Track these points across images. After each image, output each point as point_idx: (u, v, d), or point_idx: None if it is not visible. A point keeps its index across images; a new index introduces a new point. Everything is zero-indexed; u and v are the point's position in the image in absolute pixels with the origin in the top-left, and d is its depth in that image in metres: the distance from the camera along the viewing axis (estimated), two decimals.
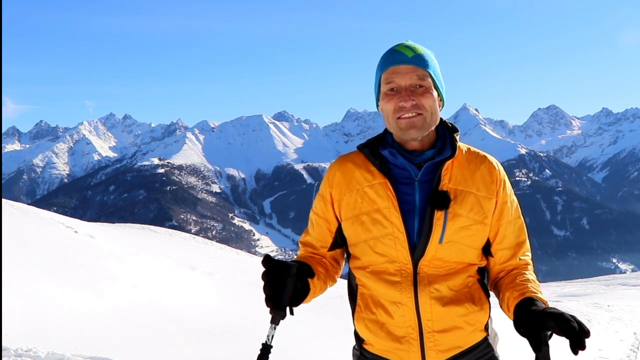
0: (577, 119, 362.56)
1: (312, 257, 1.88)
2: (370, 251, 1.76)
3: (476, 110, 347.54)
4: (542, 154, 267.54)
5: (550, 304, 1.55)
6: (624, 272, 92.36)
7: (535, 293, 1.67)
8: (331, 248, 1.88)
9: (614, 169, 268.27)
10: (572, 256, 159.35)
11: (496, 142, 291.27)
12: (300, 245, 1.96)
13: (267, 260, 1.64)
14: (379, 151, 1.80)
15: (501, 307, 1.78)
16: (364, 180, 1.79)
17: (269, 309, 1.66)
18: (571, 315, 1.48)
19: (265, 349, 1.68)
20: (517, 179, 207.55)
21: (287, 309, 1.67)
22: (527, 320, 1.54)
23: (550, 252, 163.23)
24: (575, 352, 1.45)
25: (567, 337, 1.46)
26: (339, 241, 1.87)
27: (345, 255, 1.93)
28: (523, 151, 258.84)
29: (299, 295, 1.71)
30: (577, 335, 1.44)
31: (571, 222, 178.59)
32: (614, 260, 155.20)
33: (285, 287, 1.64)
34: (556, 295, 19.22)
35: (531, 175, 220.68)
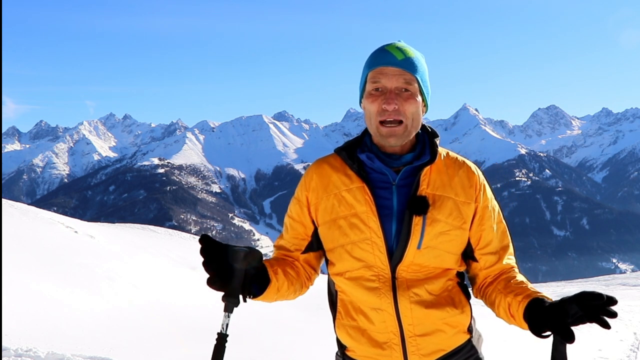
0: (577, 119, 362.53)
1: (284, 260, 1.84)
2: (347, 256, 1.73)
3: (476, 110, 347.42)
4: (542, 154, 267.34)
5: None
6: (624, 272, 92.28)
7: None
8: (305, 251, 1.84)
9: (614, 169, 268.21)
10: (572, 256, 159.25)
11: (496, 142, 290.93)
12: (274, 249, 1.93)
13: (205, 239, 1.58)
14: (357, 155, 1.78)
15: (498, 314, 1.73)
16: (341, 184, 1.76)
17: (221, 297, 1.60)
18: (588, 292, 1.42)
19: (222, 338, 1.63)
20: (517, 179, 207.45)
21: (241, 296, 1.61)
22: (551, 315, 1.47)
23: (550, 252, 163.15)
24: (604, 324, 1.39)
25: (593, 314, 1.39)
26: (315, 245, 1.83)
27: (321, 262, 1.89)
28: (523, 151, 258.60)
29: (256, 282, 1.66)
30: (605, 304, 1.38)
31: (571, 222, 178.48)
32: (614, 260, 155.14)
33: (235, 272, 1.58)
34: (556, 295, 19.18)
35: (531, 175, 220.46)
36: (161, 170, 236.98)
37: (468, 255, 1.79)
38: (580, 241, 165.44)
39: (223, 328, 1.64)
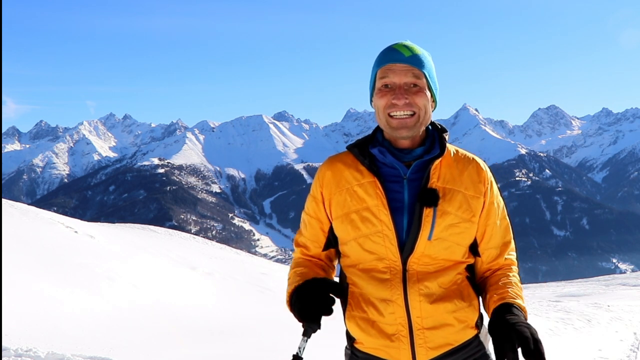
0: (577, 119, 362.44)
1: (310, 261, 1.91)
2: (359, 249, 1.78)
3: (476, 110, 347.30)
4: (542, 154, 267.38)
5: (550, 304, 1.77)
6: (624, 272, 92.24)
7: (515, 299, 1.70)
8: (325, 248, 1.90)
9: (614, 169, 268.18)
10: (572, 256, 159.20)
11: (496, 142, 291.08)
12: (295, 246, 1.98)
13: (309, 283, 1.74)
14: (369, 150, 1.82)
15: (484, 306, 1.82)
16: (353, 179, 1.81)
17: (303, 321, 1.69)
18: (535, 339, 1.53)
19: None
20: (517, 179, 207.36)
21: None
22: (497, 329, 1.59)
23: (550, 252, 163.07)
24: None
25: (525, 357, 1.51)
26: (332, 241, 1.89)
27: (338, 255, 1.95)
28: (523, 151, 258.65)
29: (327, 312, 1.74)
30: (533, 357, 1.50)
31: (571, 222, 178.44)
32: (614, 260, 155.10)
33: (325, 301, 1.69)
34: (556, 295, 19.20)
35: (531, 175, 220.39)
36: (161, 170, 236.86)
37: (472, 249, 1.83)
38: (580, 241, 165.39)
39: (300, 351, 1.71)
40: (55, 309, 6.73)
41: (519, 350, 1.53)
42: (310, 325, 1.68)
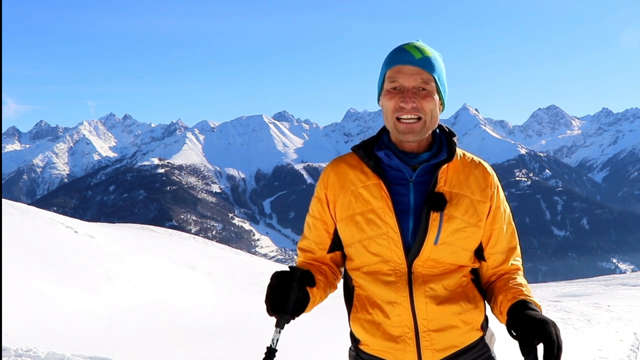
0: (577, 119, 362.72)
1: (312, 265, 1.88)
2: (364, 251, 1.77)
3: (476, 110, 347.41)
4: (542, 154, 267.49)
5: (550, 304, 1.81)
6: (624, 272, 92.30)
7: (529, 296, 1.70)
8: (330, 250, 1.88)
9: (614, 169, 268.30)
10: (572, 256, 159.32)
11: (496, 142, 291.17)
12: (298, 251, 1.95)
13: (276, 275, 1.69)
14: (374, 152, 1.81)
15: (492, 310, 1.80)
16: (358, 181, 1.80)
17: (274, 314, 1.67)
18: (559, 345, 1.54)
19: (270, 352, 1.68)
20: (517, 179, 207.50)
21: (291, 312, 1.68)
22: (523, 324, 1.57)
23: (550, 252, 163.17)
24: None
25: (545, 348, 1.52)
26: (337, 243, 1.87)
27: (344, 259, 1.94)
28: (523, 151, 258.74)
29: (301, 303, 1.72)
30: (555, 350, 1.52)
31: (571, 222, 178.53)
32: (614, 260, 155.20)
33: (291, 290, 1.66)
34: (556, 295, 19.19)
35: (531, 175, 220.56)
36: (161, 170, 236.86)
37: (478, 253, 1.82)
38: (580, 241, 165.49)
39: (273, 343, 1.69)
40: (55, 309, 6.74)
41: (540, 347, 1.53)
42: (282, 316, 1.66)
